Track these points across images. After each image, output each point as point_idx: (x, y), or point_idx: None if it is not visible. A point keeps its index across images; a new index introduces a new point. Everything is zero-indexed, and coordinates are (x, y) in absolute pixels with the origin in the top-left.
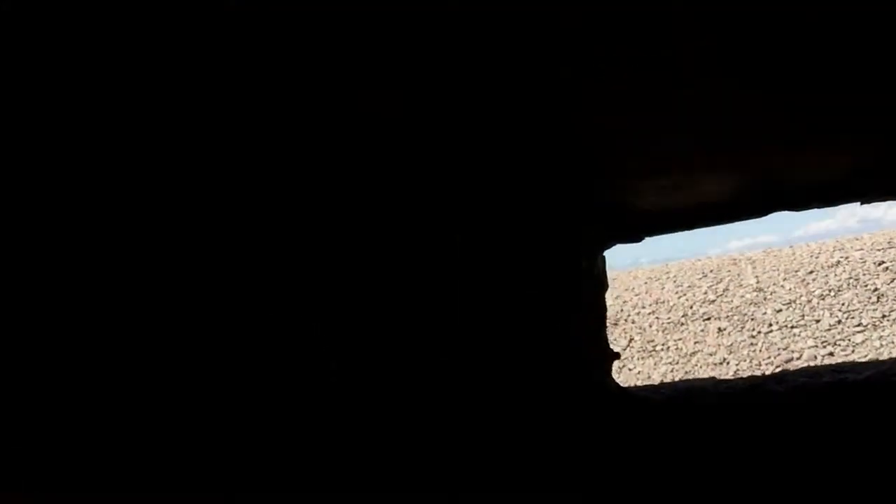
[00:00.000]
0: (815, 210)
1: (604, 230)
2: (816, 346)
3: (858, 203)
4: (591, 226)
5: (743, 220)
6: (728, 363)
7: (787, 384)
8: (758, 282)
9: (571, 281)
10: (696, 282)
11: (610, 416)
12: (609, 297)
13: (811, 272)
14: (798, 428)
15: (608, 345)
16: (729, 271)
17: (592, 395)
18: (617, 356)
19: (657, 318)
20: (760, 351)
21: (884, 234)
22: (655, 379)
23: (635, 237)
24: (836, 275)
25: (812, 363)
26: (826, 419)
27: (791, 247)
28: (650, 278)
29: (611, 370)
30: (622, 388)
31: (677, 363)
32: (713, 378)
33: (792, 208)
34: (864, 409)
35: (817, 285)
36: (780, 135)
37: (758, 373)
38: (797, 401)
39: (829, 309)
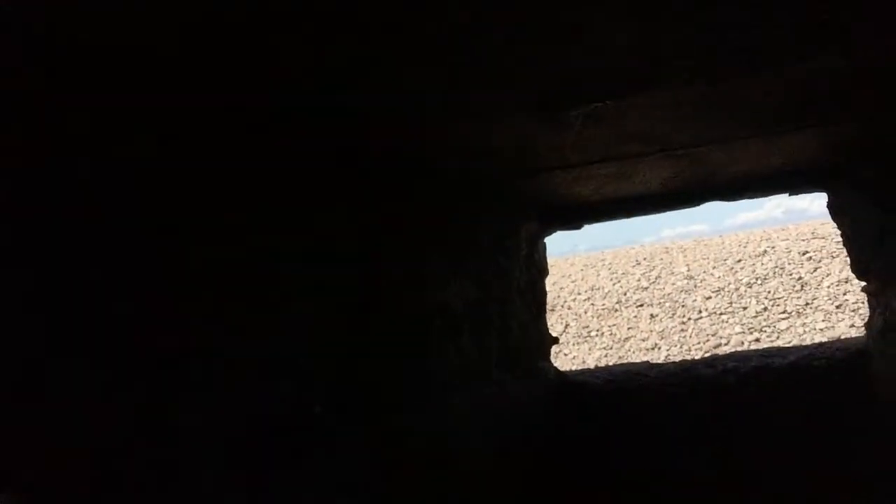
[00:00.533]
0: (745, 201)
1: (543, 218)
2: (744, 332)
3: (787, 194)
4: (529, 214)
5: (679, 209)
6: (660, 348)
7: (716, 368)
8: (688, 270)
9: (509, 266)
10: (630, 269)
11: (550, 398)
12: (547, 284)
13: (739, 261)
14: (728, 406)
15: (548, 330)
16: (661, 259)
17: (532, 379)
18: (556, 341)
19: (592, 304)
20: (690, 336)
21: (808, 225)
22: (590, 363)
23: (575, 225)
24: (762, 264)
25: (739, 348)
26: (754, 398)
27: (720, 236)
28: (586, 265)
29: (549, 354)
30: (560, 371)
31: (611, 348)
32: (646, 362)
33: (725, 199)
34: (789, 389)
35: (745, 274)
36: (716, 128)
37: (688, 357)
38: (727, 383)
39: (756, 297)
